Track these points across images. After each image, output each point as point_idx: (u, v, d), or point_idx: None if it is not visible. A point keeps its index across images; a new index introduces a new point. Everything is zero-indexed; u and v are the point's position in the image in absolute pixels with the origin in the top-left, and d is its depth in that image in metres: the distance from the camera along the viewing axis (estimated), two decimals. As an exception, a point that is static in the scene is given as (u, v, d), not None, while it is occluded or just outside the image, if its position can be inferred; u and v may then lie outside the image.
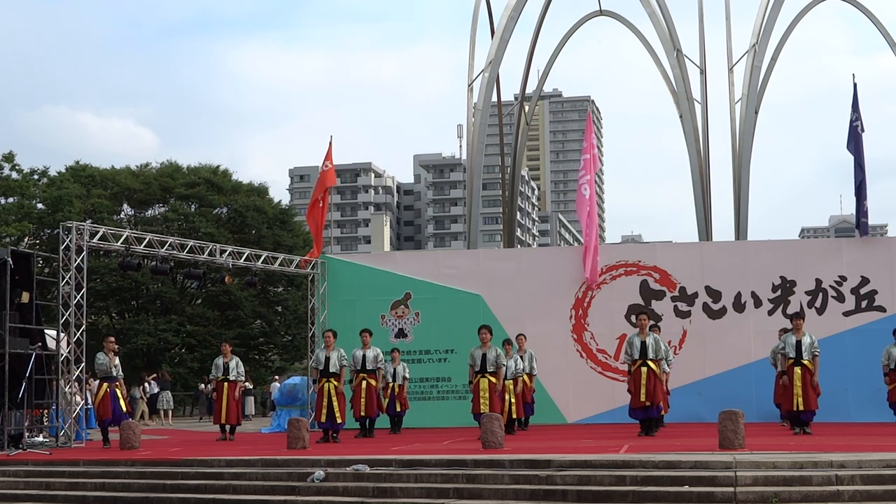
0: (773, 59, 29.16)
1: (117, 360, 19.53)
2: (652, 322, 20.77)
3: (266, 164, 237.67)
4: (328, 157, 25.34)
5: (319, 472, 13.76)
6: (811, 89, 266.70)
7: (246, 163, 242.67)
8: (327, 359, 19.50)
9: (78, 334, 19.49)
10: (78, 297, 19.52)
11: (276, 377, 42.22)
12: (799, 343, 18.39)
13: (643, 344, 18.37)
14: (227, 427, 21.30)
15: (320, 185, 25.64)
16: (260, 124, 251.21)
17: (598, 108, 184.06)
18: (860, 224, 24.13)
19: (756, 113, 27.09)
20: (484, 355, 19.08)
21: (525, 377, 21.34)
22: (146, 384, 35.22)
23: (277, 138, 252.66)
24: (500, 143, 34.84)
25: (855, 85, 24.35)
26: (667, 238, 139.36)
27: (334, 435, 19.23)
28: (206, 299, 46.60)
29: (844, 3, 30.88)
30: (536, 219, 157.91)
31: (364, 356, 20.56)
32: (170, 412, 35.65)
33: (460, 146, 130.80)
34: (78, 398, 20.76)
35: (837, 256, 24.01)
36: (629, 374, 18.63)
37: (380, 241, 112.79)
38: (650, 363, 18.31)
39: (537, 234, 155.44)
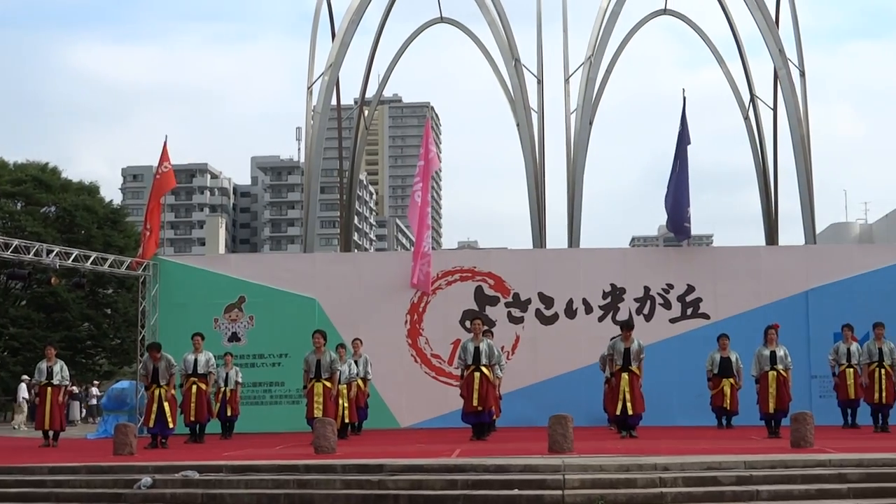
0: (608, 72, 29.82)
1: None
2: (486, 328, 21.04)
3: (97, 163, 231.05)
4: (165, 157, 24.85)
5: (146, 479, 13.44)
6: (643, 101, 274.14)
7: (76, 161, 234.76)
8: (196, 360, 20.11)
9: None
10: None
11: (96, 382, 41.33)
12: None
13: (477, 349, 18.55)
14: (51, 433, 20.65)
15: (159, 189, 25.14)
16: (90, 121, 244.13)
17: (437, 115, 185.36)
18: (682, 228, 24.99)
19: (590, 123, 27.63)
20: (318, 361, 19.00)
21: (359, 381, 21.35)
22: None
23: (109, 136, 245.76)
24: (339, 146, 34.69)
25: (684, 99, 25.27)
26: (502, 244, 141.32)
27: (163, 440, 18.85)
28: (31, 301, 45.08)
29: (675, 18, 31.82)
30: (374, 223, 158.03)
31: (196, 360, 20.35)
32: None
33: (299, 149, 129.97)
34: None
35: (665, 265, 24.75)
36: (462, 378, 18.80)
37: (215, 244, 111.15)
38: (483, 368, 18.50)
39: (375, 238, 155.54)
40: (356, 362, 21.43)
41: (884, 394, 19.94)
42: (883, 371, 19.98)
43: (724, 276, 24.31)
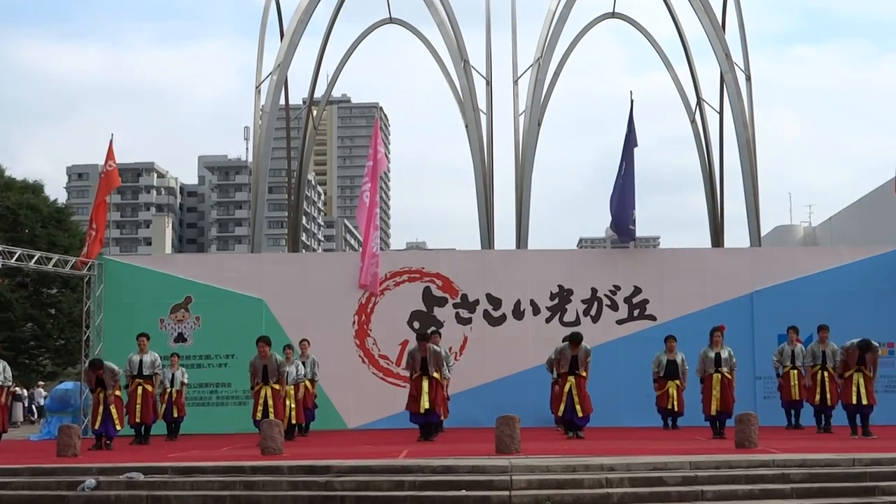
0: (556, 74, 29.94)
1: None
2: (433, 328, 21.05)
3: (42, 161, 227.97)
4: (110, 156, 24.63)
5: (90, 481, 13.30)
6: (591, 103, 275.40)
7: (20, 159, 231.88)
8: (141, 361, 20.01)
9: None
10: None
11: (42, 383, 40.89)
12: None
13: (424, 360, 18.67)
14: (-7, 434, 20.43)
15: (104, 187, 24.96)
16: (35, 119, 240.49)
17: (386, 115, 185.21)
18: (626, 230, 25.22)
19: (539, 125, 27.73)
20: (265, 366, 18.91)
21: (307, 383, 21.29)
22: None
23: (54, 134, 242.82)
24: (287, 146, 34.56)
25: (632, 101, 25.46)
26: (451, 245, 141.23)
27: (108, 441, 18.67)
28: (-27, 301, 44.54)
29: (623, 21, 32.03)
30: (322, 224, 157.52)
31: (141, 361, 20.19)
32: None
33: (247, 148, 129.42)
34: None
35: (612, 266, 24.89)
36: (411, 379, 18.84)
37: (161, 243, 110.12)
38: (434, 374, 18.63)
39: (323, 238, 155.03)
40: (303, 363, 21.35)
41: (827, 395, 20.16)
42: (826, 373, 20.18)
43: (670, 278, 24.50)
